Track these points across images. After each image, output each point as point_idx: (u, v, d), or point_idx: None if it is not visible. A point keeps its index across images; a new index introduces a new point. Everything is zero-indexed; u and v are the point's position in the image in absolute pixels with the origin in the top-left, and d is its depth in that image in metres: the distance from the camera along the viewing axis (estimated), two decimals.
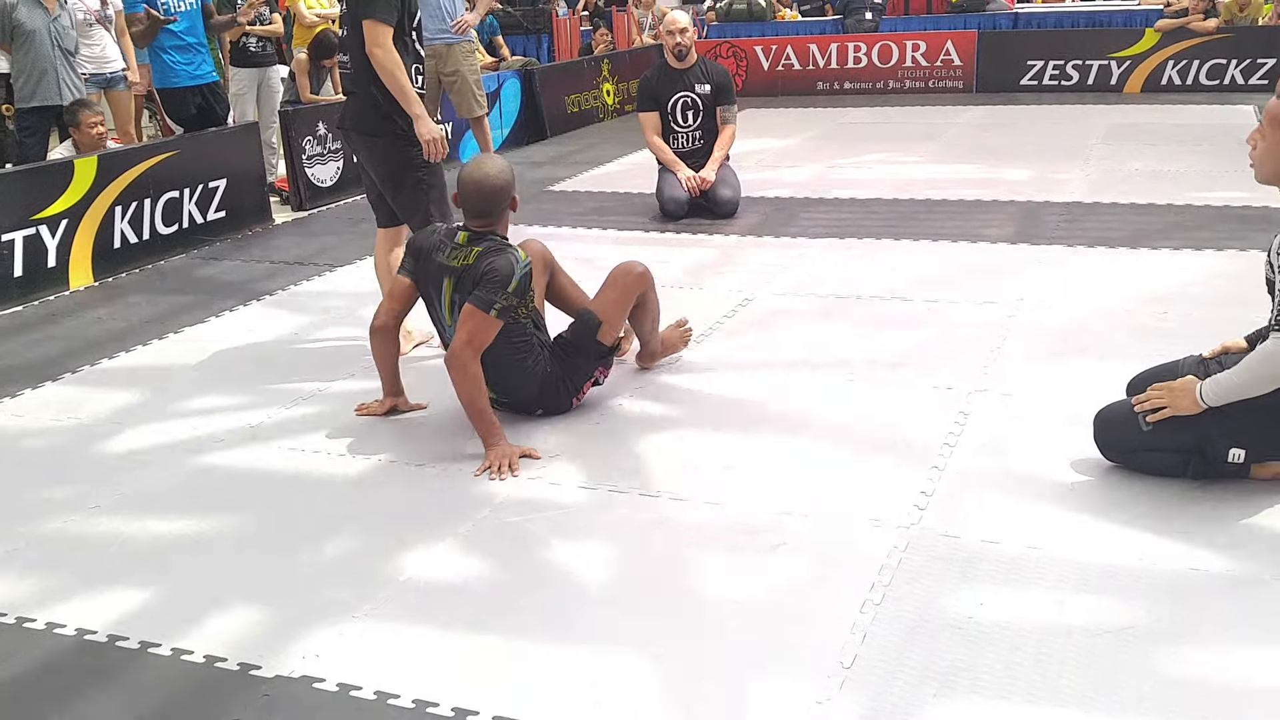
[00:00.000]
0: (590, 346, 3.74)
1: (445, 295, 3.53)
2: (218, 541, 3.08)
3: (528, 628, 2.58)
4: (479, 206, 3.49)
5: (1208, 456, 3.00)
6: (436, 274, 3.54)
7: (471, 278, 3.42)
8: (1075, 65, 11.20)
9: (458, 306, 3.45)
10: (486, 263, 3.40)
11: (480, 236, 3.50)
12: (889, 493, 3.12)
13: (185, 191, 6.48)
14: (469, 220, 3.54)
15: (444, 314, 3.58)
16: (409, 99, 4.05)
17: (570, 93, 10.65)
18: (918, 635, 2.46)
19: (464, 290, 3.43)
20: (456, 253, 3.49)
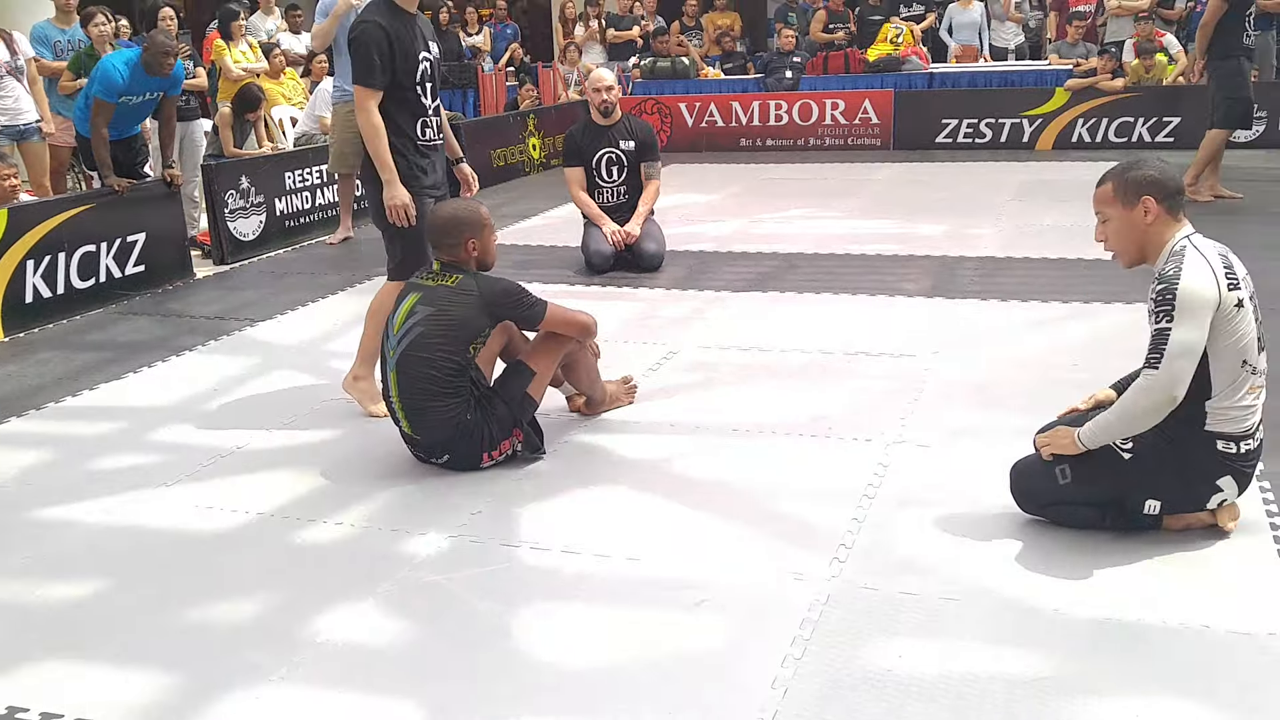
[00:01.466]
0: (517, 395, 3.75)
1: (405, 305, 3.69)
2: (129, 605, 2.99)
3: (447, 690, 2.54)
4: (434, 238, 3.80)
5: (1125, 509, 3.08)
6: (404, 291, 3.76)
7: (463, 301, 3.62)
8: (988, 123, 11.53)
9: (414, 316, 3.63)
10: (493, 286, 3.69)
11: (452, 267, 3.72)
12: (810, 546, 3.14)
13: (102, 245, 6.37)
14: (435, 252, 3.82)
15: (394, 321, 3.69)
16: (381, 163, 4.21)
17: (496, 147, 10.69)
18: (838, 689, 2.48)
19: (432, 304, 3.62)
20: (433, 276, 3.73)
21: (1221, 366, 2.94)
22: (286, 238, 7.95)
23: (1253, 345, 2.96)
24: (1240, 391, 2.96)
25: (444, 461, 3.72)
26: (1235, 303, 2.91)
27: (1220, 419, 2.97)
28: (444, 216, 3.76)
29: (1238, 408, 2.97)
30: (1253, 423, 3.02)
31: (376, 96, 4.19)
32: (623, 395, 4.34)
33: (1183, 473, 3.01)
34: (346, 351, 5.23)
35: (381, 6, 4.23)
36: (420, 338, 3.59)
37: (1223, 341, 2.92)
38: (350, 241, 7.96)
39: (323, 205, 8.35)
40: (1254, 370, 2.98)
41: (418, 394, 3.60)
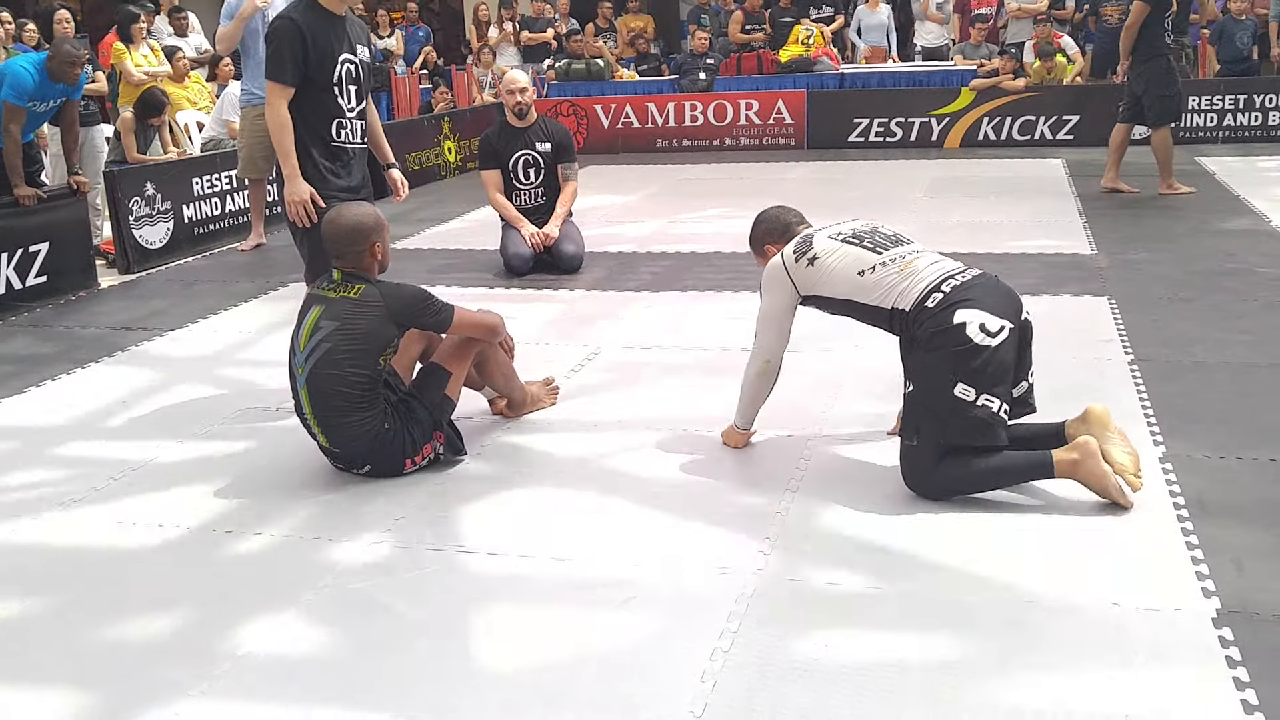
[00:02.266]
0: (435, 398, 3.71)
1: (309, 320, 3.59)
2: (38, 623, 2.90)
3: (372, 700, 2.50)
4: (336, 246, 3.64)
5: (961, 414, 3.23)
6: (306, 304, 3.67)
7: (368, 313, 3.53)
8: (899, 122, 11.73)
9: (319, 333, 3.54)
10: (398, 297, 3.61)
11: (354, 276, 3.62)
12: (735, 540, 3.16)
13: (3, 256, 6.16)
14: (334, 261, 3.66)
15: (300, 339, 3.59)
16: (284, 157, 4.16)
17: (411, 150, 10.59)
18: (766, 680, 2.49)
19: (336, 319, 3.53)
20: (334, 286, 3.62)
21: (861, 294, 3.46)
22: (195, 245, 7.77)
23: (863, 258, 3.45)
24: (888, 282, 3.40)
25: (365, 471, 3.66)
26: (806, 263, 3.53)
27: (906, 301, 3.36)
28: (345, 224, 3.63)
29: (903, 285, 3.38)
30: (931, 282, 3.36)
31: (287, 93, 4.12)
32: (545, 396, 4.32)
33: (932, 351, 3.29)
34: (260, 359, 5.14)
35: (302, 5, 4.16)
36: (328, 354, 3.50)
37: (837, 284, 3.49)
38: (263, 248, 7.81)
39: (233, 211, 8.18)
40: (883, 264, 3.43)
41: (331, 410, 3.54)
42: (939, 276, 3.38)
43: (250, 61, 7.21)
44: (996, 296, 3.35)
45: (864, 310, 3.50)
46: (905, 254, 3.48)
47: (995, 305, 3.30)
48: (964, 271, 3.43)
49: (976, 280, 3.39)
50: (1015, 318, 3.32)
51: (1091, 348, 4.75)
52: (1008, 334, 3.25)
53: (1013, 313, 3.33)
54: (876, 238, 3.54)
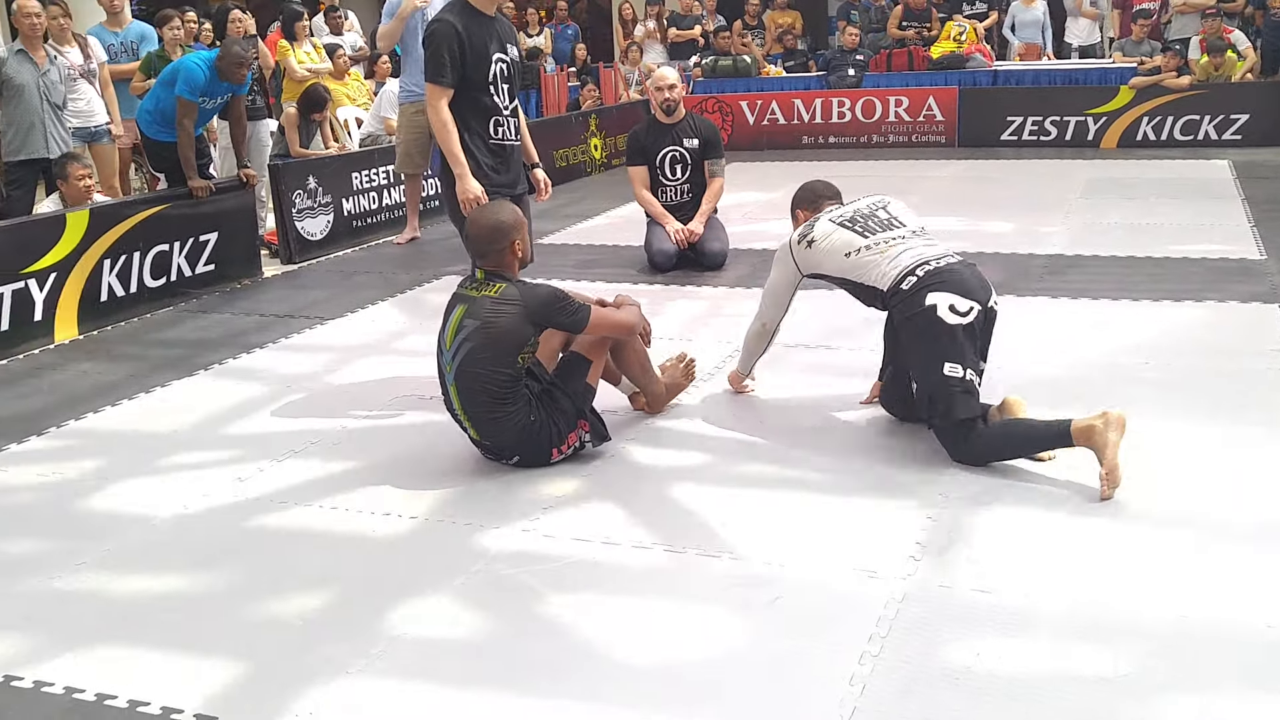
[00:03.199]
0: (577, 387, 3.76)
1: (453, 320, 3.66)
2: (206, 597, 3.04)
3: (523, 684, 2.56)
4: (478, 246, 3.70)
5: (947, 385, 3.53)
6: (451, 303, 3.73)
7: (507, 311, 3.56)
8: (1053, 121, 11.36)
9: (463, 331, 3.60)
10: (533, 297, 3.61)
11: (495, 275, 3.67)
12: (885, 544, 3.12)
13: (175, 245, 6.49)
14: (477, 260, 3.73)
15: (445, 338, 3.67)
16: (454, 158, 4.27)
17: (558, 147, 10.74)
18: (916, 686, 2.45)
19: (477, 317, 3.58)
20: (476, 285, 3.68)
21: (852, 274, 3.79)
22: (353, 237, 8.04)
23: (852, 241, 3.79)
24: (870, 265, 3.72)
25: (514, 462, 3.74)
26: (805, 245, 3.89)
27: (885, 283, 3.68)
28: (487, 224, 3.68)
29: (884, 274, 3.69)
30: (906, 266, 3.66)
31: (446, 94, 4.25)
32: (682, 379, 4.33)
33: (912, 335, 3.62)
34: (414, 349, 5.29)
35: (456, 6, 4.28)
36: (471, 352, 3.58)
37: (831, 265, 3.85)
38: (417, 241, 8.03)
39: (389, 205, 8.43)
40: (866, 248, 3.76)
41: (479, 406, 3.62)
42: (915, 261, 3.67)
43: (409, 59, 7.41)
44: (967, 280, 3.63)
45: (858, 289, 3.84)
46: (890, 238, 3.78)
47: (964, 288, 3.59)
48: (941, 258, 3.70)
49: (950, 265, 3.67)
50: (985, 300, 3.62)
51: (1261, 357, 4.52)
52: (977, 313, 3.56)
53: (983, 296, 3.63)
54: (870, 221, 3.86)
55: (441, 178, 4.46)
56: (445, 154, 4.27)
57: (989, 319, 3.65)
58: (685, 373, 4.36)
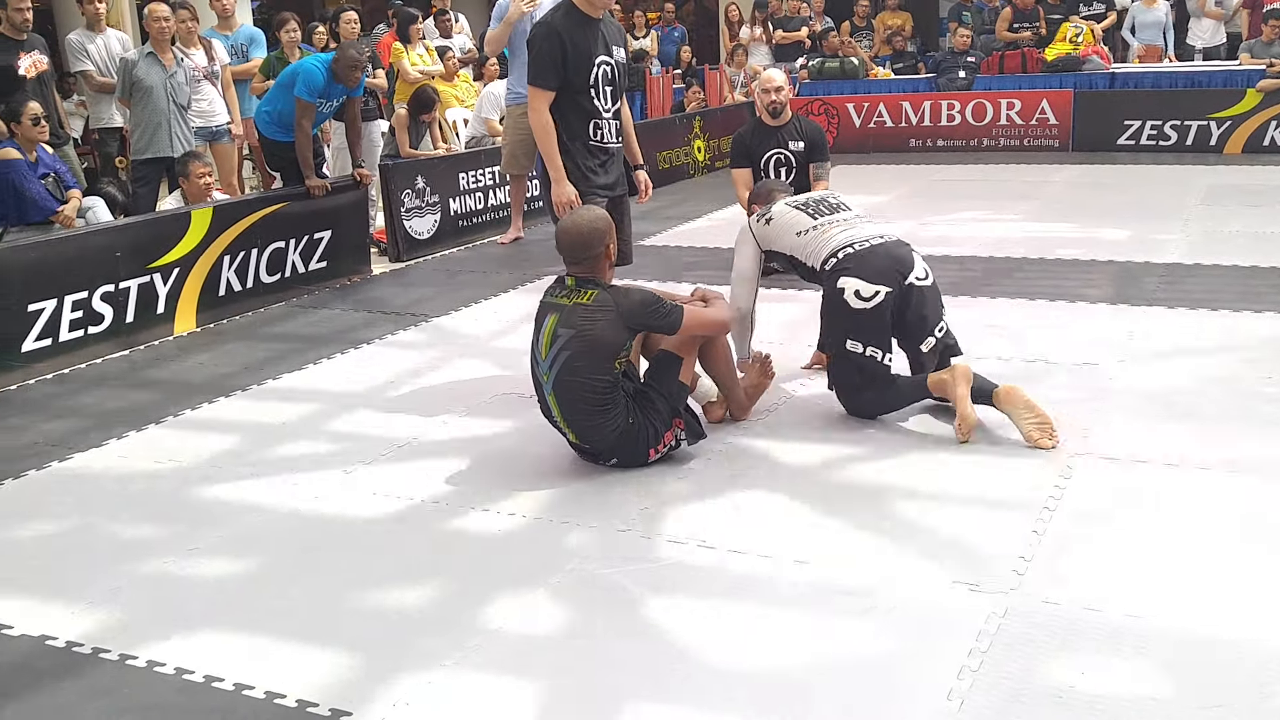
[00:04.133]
0: (671, 386, 3.75)
1: (546, 329, 3.66)
2: (311, 585, 3.12)
3: (614, 684, 2.56)
4: (570, 253, 3.68)
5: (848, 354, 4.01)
6: (541, 312, 3.73)
7: (600, 318, 3.56)
8: (1174, 125, 10.99)
9: (557, 341, 3.60)
10: (631, 299, 3.61)
11: (587, 281, 3.65)
12: (987, 557, 3.05)
13: (291, 242, 6.67)
14: (569, 267, 3.70)
15: (540, 348, 3.68)
16: (551, 161, 4.32)
17: (661, 149, 10.76)
18: (1017, 704, 2.39)
19: (571, 326, 3.58)
20: (567, 293, 3.66)
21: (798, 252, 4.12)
22: (459, 237, 8.17)
23: (800, 220, 4.12)
24: (812, 246, 4.06)
25: (612, 463, 3.75)
26: (764, 222, 4.22)
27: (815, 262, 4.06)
28: (581, 230, 3.65)
29: (822, 249, 4.04)
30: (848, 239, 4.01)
31: (548, 97, 4.28)
32: (763, 379, 4.28)
33: (826, 312, 4.07)
34: (517, 347, 5.34)
35: (562, 9, 4.31)
36: (568, 361, 3.58)
37: (783, 241, 4.16)
38: (520, 241, 8.12)
39: (494, 205, 8.54)
40: (813, 228, 4.09)
41: (578, 413, 3.63)
42: (842, 244, 4.01)
43: (515, 62, 7.50)
44: (880, 264, 3.94)
45: (802, 268, 4.16)
46: (834, 220, 4.12)
47: (874, 273, 3.92)
48: (867, 240, 4.02)
49: (871, 248, 3.98)
50: (897, 283, 3.93)
51: None
52: (883, 298, 3.90)
53: (894, 279, 3.93)
54: (821, 206, 4.20)
55: (542, 179, 4.51)
56: (543, 157, 4.31)
57: (908, 296, 3.96)
58: (764, 371, 4.29)
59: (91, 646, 2.83)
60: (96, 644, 2.84)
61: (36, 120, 6.22)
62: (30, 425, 4.59)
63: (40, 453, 4.24)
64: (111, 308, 5.61)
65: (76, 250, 5.56)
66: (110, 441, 4.33)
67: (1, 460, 4.18)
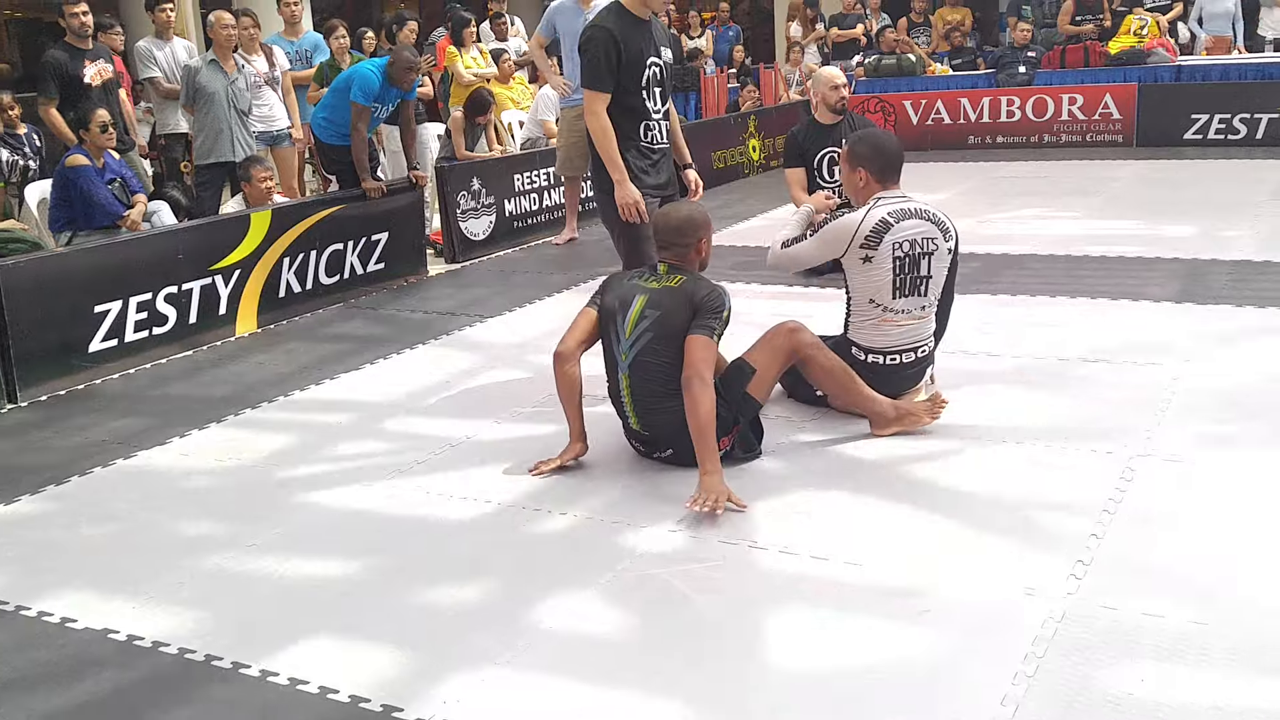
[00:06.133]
0: (736, 395, 3.72)
1: (634, 310, 3.67)
2: (366, 582, 3.15)
3: (664, 685, 2.55)
4: (666, 238, 3.73)
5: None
6: (629, 293, 3.72)
7: (678, 299, 3.59)
8: (1242, 119, 10.74)
9: (645, 320, 3.62)
10: (703, 291, 3.60)
11: (676, 268, 3.70)
12: (1044, 560, 2.99)
13: (349, 244, 6.75)
14: (662, 254, 3.76)
15: (625, 327, 3.67)
16: (613, 164, 4.31)
17: (716, 149, 10.73)
18: (1073, 710, 2.35)
19: (658, 307, 3.60)
20: (657, 278, 3.71)
21: (855, 296, 4.08)
22: (514, 238, 8.21)
23: (884, 291, 3.98)
24: (870, 320, 4.03)
25: (667, 455, 3.74)
26: (862, 258, 3.98)
27: (856, 331, 4.09)
28: (679, 217, 3.73)
29: (868, 329, 4.04)
30: (885, 344, 4.03)
31: (604, 99, 4.29)
32: (923, 414, 3.96)
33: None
34: None
35: (612, 12, 4.32)
36: (651, 342, 3.61)
37: (854, 279, 4.05)
38: (575, 243, 8.15)
39: (549, 207, 8.58)
40: (884, 309, 4.00)
41: (649, 395, 3.64)
42: (889, 346, 4.02)
43: (570, 65, 7.53)
44: (896, 381, 4.06)
45: (850, 292, 4.14)
46: (907, 311, 4.01)
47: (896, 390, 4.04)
48: (910, 356, 4.05)
49: (902, 366, 4.05)
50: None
51: None
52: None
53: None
54: (910, 276, 3.99)
55: (596, 181, 4.51)
56: (604, 160, 4.31)
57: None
58: (929, 410, 3.98)
59: (151, 640, 2.88)
60: (156, 638, 2.89)
61: (104, 127, 6.36)
62: (96, 424, 4.69)
63: (106, 450, 4.33)
64: (175, 309, 5.72)
65: (140, 253, 5.67)
66: (173, 440, 4.42)
67: (68, 458, 4.28)
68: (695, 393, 3.44)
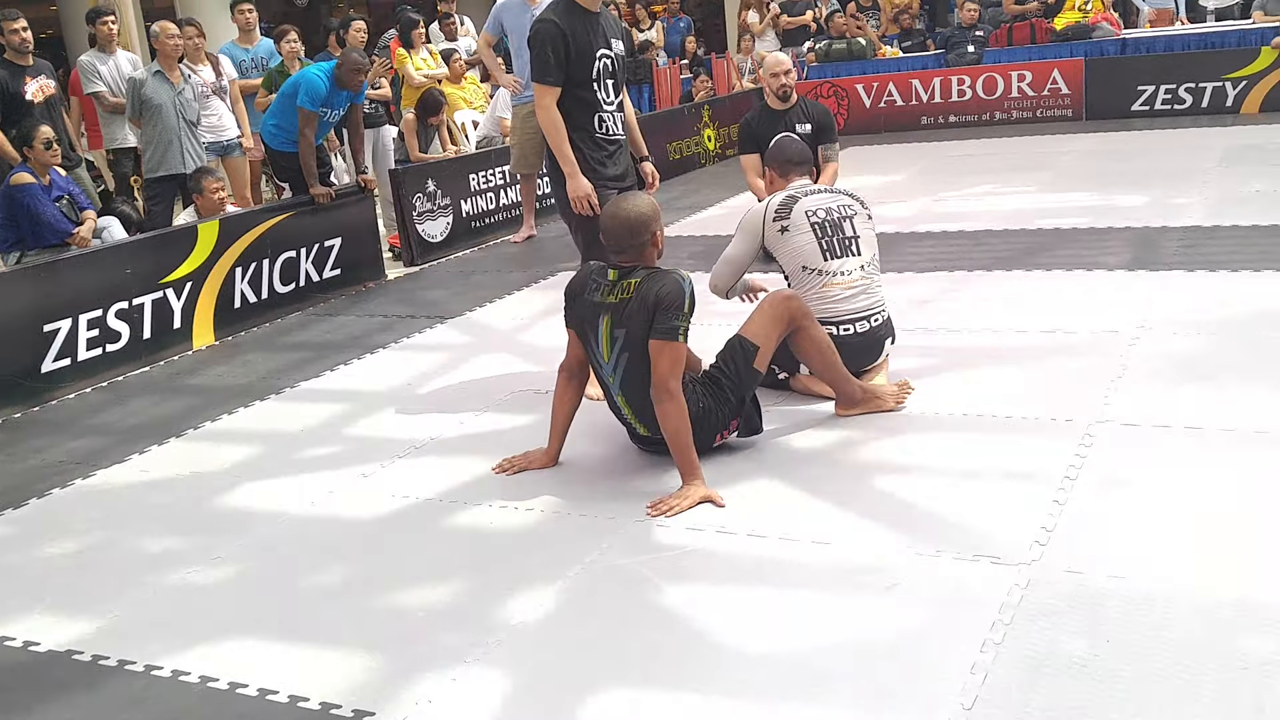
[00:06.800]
0: (742, 372, 3.66)
1: (603, 333, 3.54)
2: (333, 589, 3.13)
3: (638, 673, 2.55)
4: (618, 241, 3.55)
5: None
6: (591, 314, 3.58)
7: (635, 308, 3.44)
8: (1188, 88, 10.87)
9: (616, 343, 3.49)
10: (656, 289, 3.43)
11: (629, 270, 3.54)
12: (1008, 529, 3.02)
13: (302, 251, 6.69)
14: (614, 256, 3.59)
15: (601, 352, 3.57)
16: (563, 157, 4.28)
17: (671, 140, 10.73)
18: (1041, 675, 2.37)
19: (624, 324, 3.47)
20: (610, 289, 3.54)
21: (790, 270, 4.18)
22: (472, 238, 8.17)
23: (813, 255, 4.10)
24: (812, 288, 4.08)
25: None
26: (779, 229, 4.15)
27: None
28: (629, 216, 3.52)
29: (813, 298, 4.02)
30: (834, 312, 4.07)
31: (554, 93, 4.27)
32: (888, 398, 3.97)
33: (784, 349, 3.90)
34: (532, 344, 5.36)
35: (560, 5, 4.30)
36: (630, 362, 3.49)
37: (782, 255, 4.18)
38: (533, 240, 8.12)
39: (506, 205, 8.55)
40: (820, 273, 4.09)
41: (650, 411, 3.52)
42: (828, 313, 4.04)
43: (519, 61, 7.50)
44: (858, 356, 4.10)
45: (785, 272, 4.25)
46: (841, 270, 4.10)
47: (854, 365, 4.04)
48: (850, 325, 4.08)
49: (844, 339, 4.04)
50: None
51: None
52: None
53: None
54: (834, 239, 4.14)
55: (551, 176, 4.50)
56: (555, 153, 4.30)
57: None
58: (895, 395, 4.00)
59: (117, 659, 2.84)
60: (122, 656, 2.85)
61: (48, 144, 6.27)
62: (53, 445, 4.63)
63: (64, 471, 4.27)
64: (128, 325, 5.64)
65: (87, 269, 5.59)
66: (133, 456, 4.36)
67: (25, 480, 4.22)
68: (665, 408, 3.39)
